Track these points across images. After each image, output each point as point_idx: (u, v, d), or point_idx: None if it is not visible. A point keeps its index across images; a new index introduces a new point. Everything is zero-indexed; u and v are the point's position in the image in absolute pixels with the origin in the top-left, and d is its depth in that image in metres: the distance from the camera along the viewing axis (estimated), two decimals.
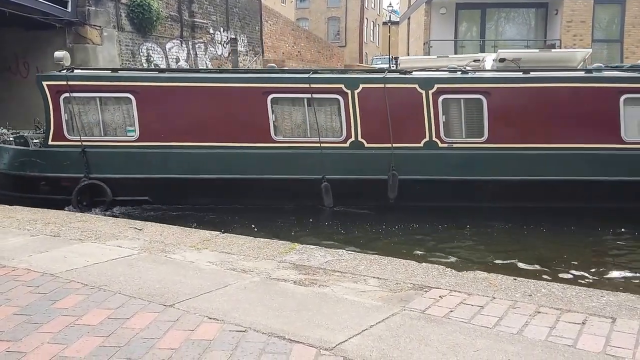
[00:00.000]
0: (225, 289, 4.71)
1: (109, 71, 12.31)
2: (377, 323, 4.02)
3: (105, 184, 10.80)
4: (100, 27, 20.25)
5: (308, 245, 6.34)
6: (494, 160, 10.68)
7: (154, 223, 7.47)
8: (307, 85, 10.84)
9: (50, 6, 18.38)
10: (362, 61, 61.90)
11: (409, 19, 38.67)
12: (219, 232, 6.98)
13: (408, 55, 39.04)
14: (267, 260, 5.67)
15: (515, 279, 5.08)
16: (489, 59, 13.65)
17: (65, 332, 3.85)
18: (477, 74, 11.12)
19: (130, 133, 11.01)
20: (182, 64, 25.09)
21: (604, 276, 8.02)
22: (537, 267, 8.31)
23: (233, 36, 29.84)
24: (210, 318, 4.08)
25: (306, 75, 11.10)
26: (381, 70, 11.90)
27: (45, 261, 5.48)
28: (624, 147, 10.58)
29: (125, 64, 21.13)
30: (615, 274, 8.20)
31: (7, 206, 8.56)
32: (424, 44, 30.97)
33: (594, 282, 7.56)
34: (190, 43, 26.11)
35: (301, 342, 3.69)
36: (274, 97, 10.91)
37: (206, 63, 27.10)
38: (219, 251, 6.02)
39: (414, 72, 11.34)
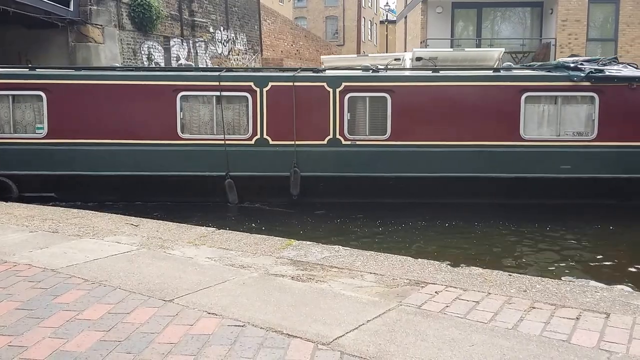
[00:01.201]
0: (224, 285, 4.75)
1: (27, 69, 12.23)
2: (373, 318, 4.06)
3: (10, 181, 10.91)
4: (101, 25, 20.25)
5: (305, 242, 6.37)
6: (396, 158, 10.83)
7: (149, 219, 7.49)
8: (217, 83, 10.95)
9: (52, 5, 18.39)
10: None
11: (405, 17, 38.66)
12: (215, 228, 7.02)
13: None
14: (265, 256, 5.70)
15: (510, 275, 5.12)
16: (408, 58, 13.73)
17: (66, 327, 3.88)
18: (385, 73, 11.20)
19: (38, 130, 11.09)
20: (183, 62, 25.09)
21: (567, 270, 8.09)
22: (532, 263, 8.36)
23: (233, 35, 29.84)
24: (209, 313, 4.12)
25: (216, 74, 11.24)
26: (294, 69, 11.96)
27: (46, 257, 5.52)
28: (522, 145, 10.76)
29: (127, 62, 21.14)
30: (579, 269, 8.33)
31: (4, 203, 8.58)
32: (421, 42, 30.97)
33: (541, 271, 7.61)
34: (190, 42, 26.12)
35: (299, 337, 3.72)
36: (183, 95, 11.02)
37: (206, 61, 27.15)
38: (217, 247, 6.05)
39: (327, 71, 11.50)
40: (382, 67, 12.35)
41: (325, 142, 10.89)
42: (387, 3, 57.36)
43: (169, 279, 4.85)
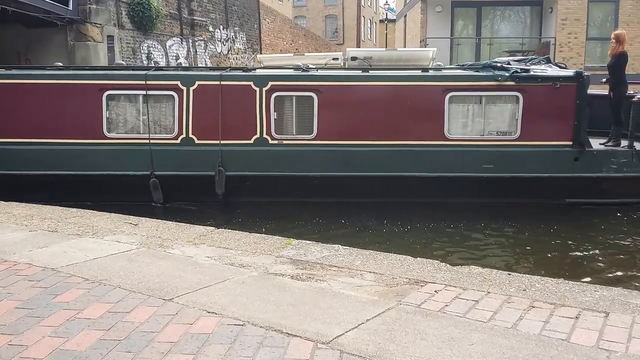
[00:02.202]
0: (224, 284, 4.76)
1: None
2: (373, 317, 4.07)
3: None
4: (101, 25, 20.25)
5: (304, 241, 6.37)
6: (322, 157, 10.86)
7: (148, 218, 7.48)
8: (143, 82, 10.92)
9: (51, 4, 18.39)
10: None
11: (405, 16, 38.67)
12: (214, 228, 7.01)
13: None
14: (265, 255, 5.71)
15: (509, 274, 5.12)
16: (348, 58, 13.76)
17: (66, 326, 3.89)
18: (312, 72, 11.17)
19: None
20: (183, 61, 25.12)
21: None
22: (531, 262, 8.37)
23: (233, 34, 29.86)
24: (209, 312, 4.12)
25: (142, 72, 11.20)
26: (222, 68, 11.95)
27: (46, 256, 5.52)
28: (447, 144, 10.83)
29: (126, 61, 21.15)
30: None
31: (2, 202, 8.58)
32: (421, 41, 30.98)
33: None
34: (190, 41, 26.13)
35: (298, 336, 3.73)
36: (109, 94, 10.99)
37: (205, 61, 27.18)
38: (216, 246, 6.05)
39: (257, 70, 11.55)
40: (321, 66, 12.37)
41: (252, 141, 10.89)
42: (386, 2, 57.46)
43: (169, 278, 4.86)
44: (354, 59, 12.59)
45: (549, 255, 9.05)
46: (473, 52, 30.65)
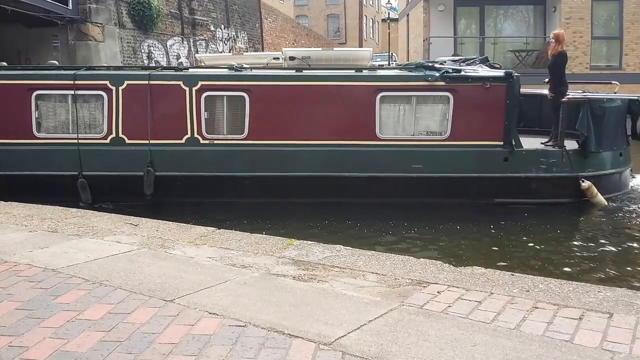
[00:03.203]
0: (225, 284, 4.74)
1: None
2: (375, 318, 4.05)
3: None
4: (101, 24, 20.27)
5: (306, 241, 6.35)
6: (253, 157, 10.87)
7: (148, 219, 7.46)
8: (72, 82, 10.86)
9: (51, 4, 18.41)
10: None
11: (407, 16, 38.64)
12: (215, 228, 6.98)
13: (408, 53, 39.07)
14: (266, 255, 5.69)
15: (512, 275, 5.11)
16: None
17: (66, 327, 3.87)
18: (244, 72, 11.17)
19: None
20: (183, 60, 25.12)
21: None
22: (535, 262, 8.34)
23: (234, 33, 29.85)
24: (210, 313, 4.10)
25: (71, 72, 11.14)
26: (153, 67, 11.88)
27: (46, 256, 5.51)
28: (378, 144, 10.83)
29: (127, 61, 21.17)
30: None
31: (2, 202, 8.57)
32: (424, 41, 30.97)
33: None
34: (191, 40, 26.12)
35: (300, 337, 3.71)
36: (38, 94, 10.93)
37: None
38: (217, 247, 6.04)
39: (190, 69, 11.62)
40: (263, 65, 12.42)
41: (183, 141, 10.87)
42: (388, 1, 57.32)
43: (170, 279, 4.84)
44: (292, 58, 12.56)
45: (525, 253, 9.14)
46: (477, 51, 30.59)
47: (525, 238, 9.73)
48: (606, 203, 11.11)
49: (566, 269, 8.16)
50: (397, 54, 51.17)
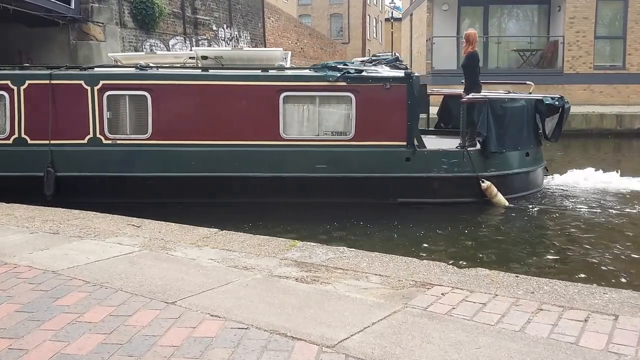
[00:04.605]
0: (227, 286, 4.71)
1: None
2: (379, 320, 4.02)
3: None
4: (103, 23, 20.28)
5: (309, 243, 6.33)
6: (156, 157, 10.81)
7: (151, 220, 7.44)
8: None
9: (53, 3, 18.41)
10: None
11: (411, 15, 38.64)
12: (217, 229, 6.95)
13: (411, 52, 39.06)
14: (269, 257, 5.66)
15: (517, 276, 5.07)
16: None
17: (67, 330, 3.85)
18: (146, 71, 11.10)
19: None
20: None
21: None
22: (539, 264, 8.30)
23: (237, 32, 29.87)
24: (212, 315, 4.08)
25: None
26: (57, 67, 11.81)
27: (47, 258, 5.48)
28: (282, 144, 10.85)
29: None
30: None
31: (3, 203, 8.56)
32: (427, 40, 30.97)
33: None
34: (193, 39, 26.12)
35: (303, 340, 3.69)
36: None
37: None
38: (219, 248, 6.01)
39: (96, 69, 11.46)
40: (179, 65, 12.35)
41: (85, 141, 10.79)
42: (392, 0, 57.36)
43: (172, 281, 4.81)
44: (204, 58, 12.46)
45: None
46: (481, 51, 30.60)
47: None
48: (507, 203, 11.14)
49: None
50: (400, 53, 51.20)
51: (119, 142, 10.83)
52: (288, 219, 10.43)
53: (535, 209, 11.28)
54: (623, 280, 7.46)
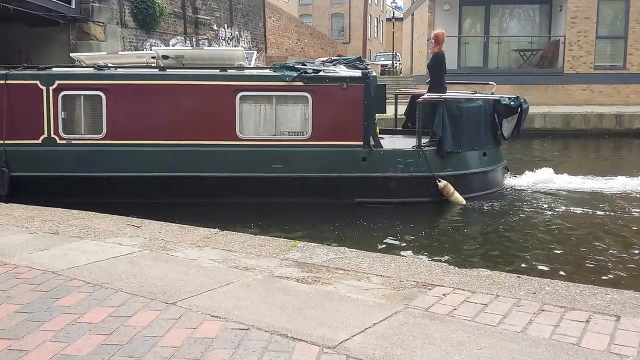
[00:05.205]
0: (228, 287, 4.70)
1: None
2: (380, 321, 4.00)
3: None
4: (103, 23, 20.27)
5: (310, 243, 6.32)
6: (111, 157, 10.80)
7: (151, 220, 7.42)
8: None
9: (54, 3, 18.40)
10: (366, 58, 61.85)
11: (412, 15, 38.64)
12: (218, 230, 6.94)
13: (412, 52, 39.07)
14: (270, 257, 5.65)
15: (519, 277, 5.06)
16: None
17: (66, 330, 3.84)
18: (102, 71, 11.06)
19: None
20: None
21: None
22: (541, 265, 8.28)
23: (237, 32, 29.85)
24: (213, 316, 4.06)
25: None
26: (16, 66, 11.80)
27: (47, 259, 5.47)
28: (239, 144, 10.85)
29: None
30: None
31: (3, 204, 8.55)
32: (428, 40, 30.91)
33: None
34: (194, 39, 26.10)
35: (304, 340, 3.67)
36: None
37: None
38: (220, 249, 5.99)
39: (54, 69, 11.41)
40: (142, 64, 12.26)
41: (40, 141, 10.77)
42: (393, 0, 57.35)
43: (172, 282, 4.80)
44: (165, 57, 12.43)
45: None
46: (481, 51, 30.66)
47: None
48: (464, 202, 11.18)
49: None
50: (401, 53, 51.23)
51: (73, 142, 10.81)
52: (288, 219, 10.44)
53: (495, 208, 11.34)
54: (574, 276, 7.48)
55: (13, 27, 19.55)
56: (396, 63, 52.59)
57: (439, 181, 10.98)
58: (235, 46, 29.85)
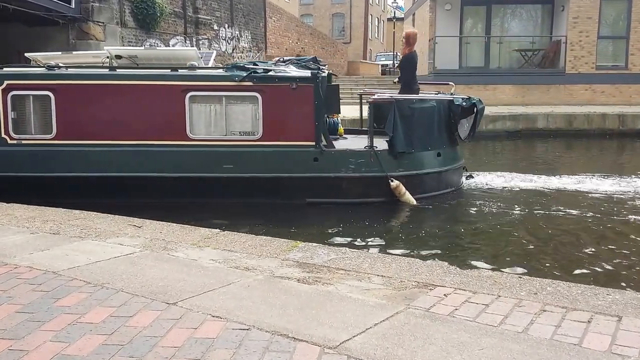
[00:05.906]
0: (229, 287, 4.69)
1: None
2: (381, 321, 4.00)
3: None
4: (103, 23, 20.24)
5: (311, 243, 6.31)
6: (61, 157, 10.82)
7: (152, 220, 7.43)
8: None
9: (54, 2, 18.38)
10: (367, 58, 61.96)
11: (413, 15, 38.60)
12: (219, 230, 6.93)
13: None
14: (271, 258, 5.64)
15: (520, 277, 5.06)
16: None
17: (67, 331, 3.83)
18: (52, 71, 11.05)
19: None
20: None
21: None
22: (543, 265, 8.27)
23: (237, 32, 29.86)
24: (214, 316, 4.06)
25: None
26: None
27: (47, 259, 5.47)
28: (189, 144, 10.88)
29: None
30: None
31: (4, 203, 8.55)
32: (429, 40, 30.92)
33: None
34: (194, 39, 26.08)
35: (305, 341, 3.67)
36: None
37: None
38: (221, 249, 5.99)
39: (4, 69, 11.40)
40: (99, 64, 12.25)
41: None
42: (394, 0, 57.34)
43: (173, 282, 4.80)
44: (118, 57, 12.41)
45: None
46: (482, 51, 30.64)
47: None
48: (415, 202, 11.17)
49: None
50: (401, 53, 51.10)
51: (24, 142, 10.87)
52: (289, 219, 10.45)
53: (445, 207, 11.47)
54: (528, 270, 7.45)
55: (12, 26, 19.53)
56: (397, 63, 52.61)
57: (392, 181, 11.00)
58: (235, 46, 29.84)
